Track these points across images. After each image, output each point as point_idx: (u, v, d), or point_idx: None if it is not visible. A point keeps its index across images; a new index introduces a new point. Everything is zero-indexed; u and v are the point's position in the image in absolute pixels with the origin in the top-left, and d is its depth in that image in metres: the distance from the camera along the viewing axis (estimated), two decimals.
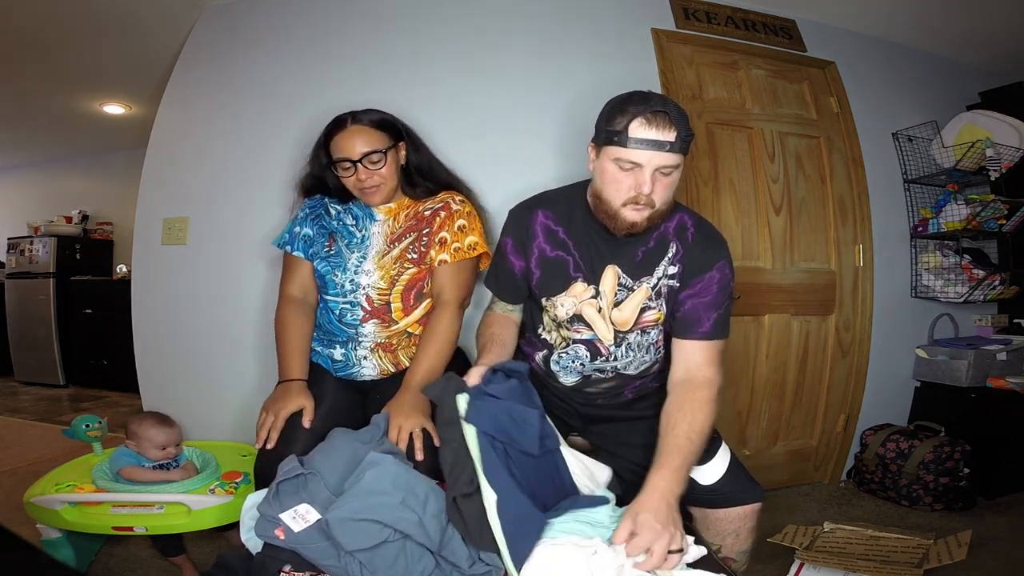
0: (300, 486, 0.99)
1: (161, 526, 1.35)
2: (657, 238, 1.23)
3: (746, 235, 2.10)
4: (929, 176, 2.32)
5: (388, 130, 1.38)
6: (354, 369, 1.39)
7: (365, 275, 1.37)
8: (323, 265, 1.40)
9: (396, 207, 1.44)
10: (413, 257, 1.38)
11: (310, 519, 0.93)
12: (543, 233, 1.25)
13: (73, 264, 4.26)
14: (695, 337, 1.19)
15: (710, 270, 1.21)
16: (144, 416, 1.51)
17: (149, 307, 2.03)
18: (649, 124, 1.06)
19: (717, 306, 1.20)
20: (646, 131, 1.06)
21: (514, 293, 1.31)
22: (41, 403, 3.62)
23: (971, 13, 2.20)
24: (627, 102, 1.09)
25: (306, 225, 1.45)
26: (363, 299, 1.36)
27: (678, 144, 1.07)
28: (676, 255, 1.22)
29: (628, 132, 1.07)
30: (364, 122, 1.36)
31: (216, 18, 2.13)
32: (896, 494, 2.04)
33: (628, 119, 1.07)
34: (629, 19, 2.08)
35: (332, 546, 0.90)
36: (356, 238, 1.41)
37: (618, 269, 1.21)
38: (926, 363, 2.31)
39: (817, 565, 1.49)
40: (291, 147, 1.94)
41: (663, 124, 1.06)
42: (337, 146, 1.35)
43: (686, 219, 1.25)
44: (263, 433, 1.21)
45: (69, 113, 3.48)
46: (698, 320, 1.19)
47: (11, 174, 4.98)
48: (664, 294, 1.23)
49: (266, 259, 1.89)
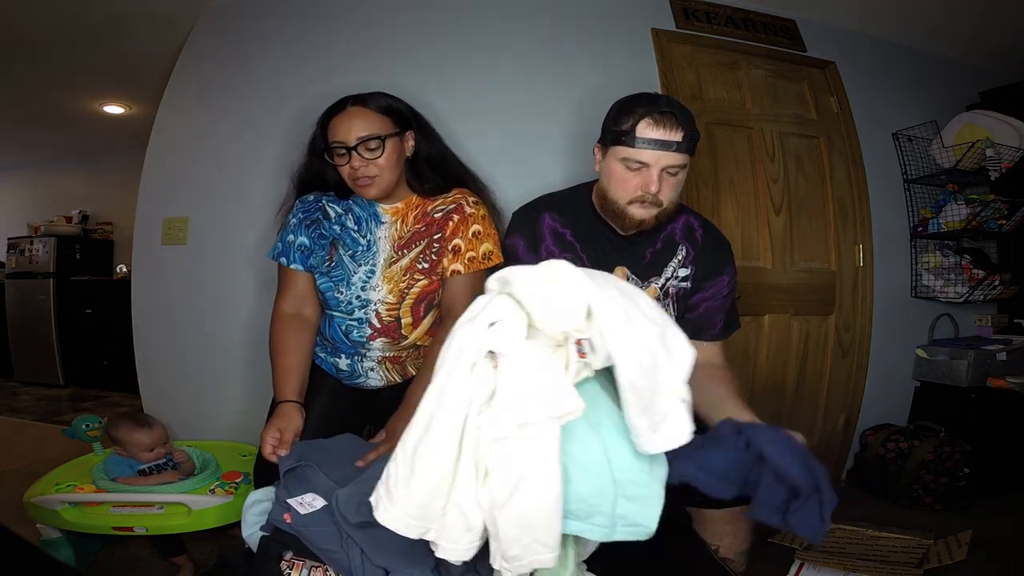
0: (301, 477, 1.02)
1: (161, 526, 1.35)
2: (664, 239, 1.23)
3: (746, 235, 2.10)
4: (929, 176, 2.32)
5: (393, 116, 1.24)
6: (360, 379, 1.35)
7: (374, 291, 1.26)
8: (324, 281, 1.29)
9: (403, 207, 1.30)
10: (423, 267, 1.27)
11: (316, 505, 0.96)
12: (551, 236, 1.24)
13: (73, 264, 4.26)
14: (707, 339, 1.23)
15: (722, 274, 1.24)
16: (121, 421, 1.49)
17: (149, 307, 2.03)
18: (656, 124, 1.07)
19: (726, 308, 1.25)
20: (653, 131, 1.07)
21: None
22: (41, 403, 3.62)
23: (972, 13, 2.20)
24: (634, 103, 1.10)
25: (300, 233, 1.31)
26: (372, 316, 1.26)
27: (685, 144, 1.08)
28: (688, 257, 1.24)
29: (636, 132, 1.08)
30: (366, 104, 1.22)
31: (216, 18, 2.13)
32: (896, 494, 2.04)
33: (635, 119, 1.08)
34: (629, 19, 2.08)
35: (336, 531, 0.91)
36: (361, 246, 1.29)
37: (627, 270, 1.22)
38: (926, 363, 2.31)
39: (817, 565, 1.49)
40: (291, 147, 1.94)
41: (670, 124, 1.07)
42: (333, 129, 1.22)
43: (692, 221, 1.26)
44: (269, 450, 1.14)
45: (69, 113, 3.48)
46: (711, 323, 1.24)
47: (11, 174, 4.99)
48: (672, 295, 1.24)
49: (266, 259, 1.89)
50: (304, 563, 0.90)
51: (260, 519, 1.01)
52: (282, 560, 0.91)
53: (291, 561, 0.90)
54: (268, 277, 1.89)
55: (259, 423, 1.52)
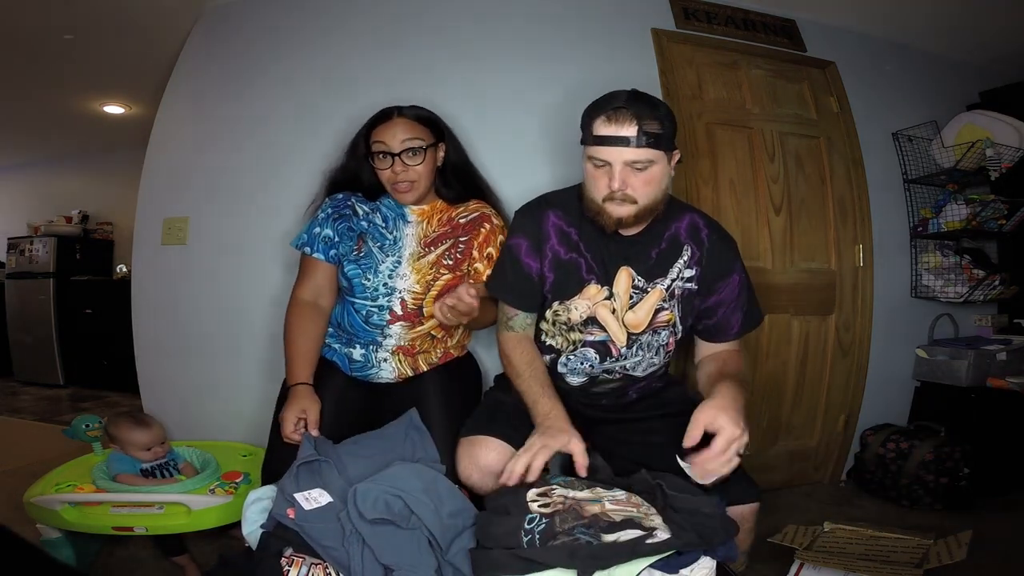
0: (315, 471, 1.03)
1: (161, 526, 1.35)
2: (669, 239, 1.23)
3: (746, 235, 2.10)
4: (929, 176, 2.32)
5: (431, 127, 1.38)
6: (372, 371, 1.38)
7: (401, 279, 1.35)
8: (352, 268, 1.36)
9: (429, 209, 1.42)
10: (448, 263, 1.37)
11: (321, 501, 0.97)
12: (556, 235, 1.24)
13: (73, 264, 4.26)
14: (726, 340, 1.27)
15: (732, 273, 1.25)
16: (120, 420, 1.50)
17: (149, 307, 2.03)
18: (609, 120, 1.10)
19: (742, 305, 1.26)
20: (606, 127, 1.10)
21: (531, 299, 1.26)
22: (41, 403, 3.62)
23: (971, 13, 2.20)
24: (597, 102, 1.14)
25: (327, 226, 1.40)
26: (397, 303, 1.34)
27: (643, 139, 1.08)
28: (693, 258, 1.23)
29: (592, 130, 1.12)
30: (409, 115, 1.36)
31: (216, 18, 2.13)
32: (896, 494, 2.04)
33: (593, 118, 1.12)
34: (629, 19, 2.08)
35: (338, 528, 0.92)
36: (388, 240, 1.38)
37: (632, 271, 1.21)
38: (926, 363, 2.31)
39: (817, 565, 1.49)
40: (291, 147, 1.94)
41: (623, 119, 1.09)
42: (379, 136, 1.34)
43: (698, 220, 1.26)
44: (292, 428, 1.21)
45: (69, 113, 3.48)
46: (728, 325, 1.26)
47: (11, 174, 4.98)
48: (678, 296, 1.23)
49: (267, 259, 1.89)
50: (304, 560, 0.90)
51: (261, 517, 1.01)
52: (282, 557, 0.91)
53: (291, 558, 0.90)
54: (268, 277, 1.89)
55: (259, 423, 1.52)
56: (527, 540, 0.86)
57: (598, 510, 0.91)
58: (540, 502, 0.94)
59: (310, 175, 1.62)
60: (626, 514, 0.90)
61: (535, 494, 0.96)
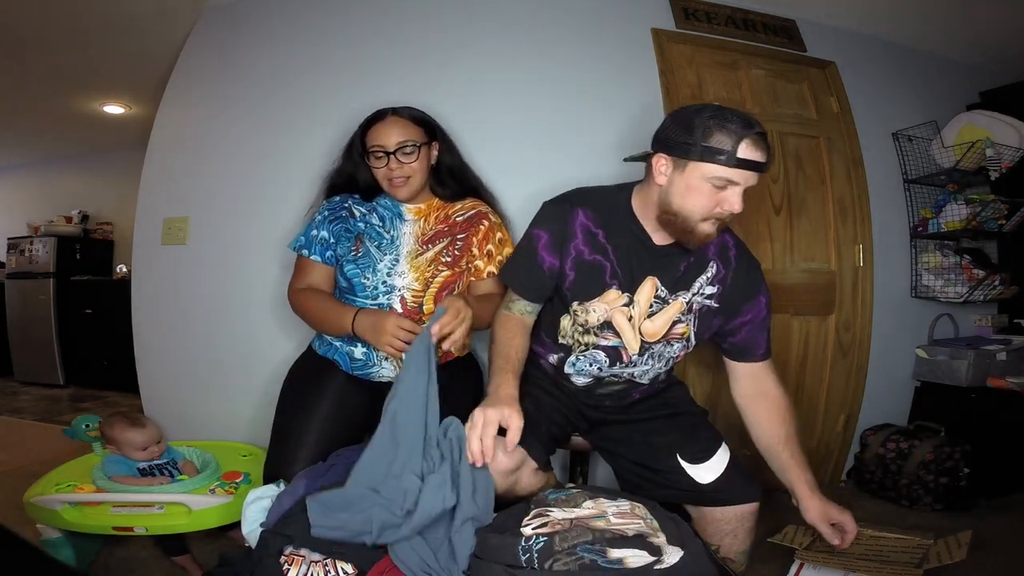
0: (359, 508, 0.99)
1: (161, 526, 1.35)
2: (698, 253, 1.22)
3: (746, 235, 2.09)
4: (929, 176, 2.32)
5: (424, 127, 1.43)
6: (373, 369, 1.39)
7: (399, 276, 1.38)
8: (351, 268, 1.39)
9: (426, 208, 1.45)
10: (447, 260, 1.40)
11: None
12: (582, 234, 1.21)
13: (73, 264, 4.26)
14: (755, 359, 1.27)
15: (759, 295, 1.25)
16: (115, 420, 1.51)
17: (149, 307, 2.03)
18: (755, 146, 1.06)
19: (768, 326, 1.27)
20: (752, 152, 1.06)
21: (538, 291, 1.25)
22: (41, 403, 3.61)
23: (972, 13, 2.20)
24: (727, 120, 1.06)
25: (324, 228, 1.43)
26: (397, 301, 1.36)
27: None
28: (716, 275, 1.23)
29: (737, 153, 1.05)
30: (403, 115, 1.41)
31: (216, 18, 2.14)
32: (896, 494, 2.04)
33: (735, 140, 1.05)
34: (629, 19, 2.07)
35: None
36: (385, 239, 1.41)
37: (657, 281, 1.20)
38: (926, 363, 2.31)
39: (817, 565, 1.49)
40: (291, 147, 1.94)
41: (764, 146, 1.07)
42: (373, 135, 1.39)
43: (728, 240, 1.26)
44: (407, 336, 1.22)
45: (69, 113, 3.48)
46: (755, 344, 1.26)
47: (11, 174, 4.98)
48: (696, 310, 1.23)
49: (266, 259, 1.89)
50: (303, 558, 0.90)
51: (260, 516, 1.01)
52: (282, 555, 0.91)
53: (290, 557, 0.90)
54: (267, 277, 1.89)
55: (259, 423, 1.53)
56: (525, 558, 0.86)
57: (603, 525, 0.90)
58: (534, 524, 0.92)
59: (310, 175, 1.63)
60: (635, 528, 0.89)
61: (531, 523, 0.94)
